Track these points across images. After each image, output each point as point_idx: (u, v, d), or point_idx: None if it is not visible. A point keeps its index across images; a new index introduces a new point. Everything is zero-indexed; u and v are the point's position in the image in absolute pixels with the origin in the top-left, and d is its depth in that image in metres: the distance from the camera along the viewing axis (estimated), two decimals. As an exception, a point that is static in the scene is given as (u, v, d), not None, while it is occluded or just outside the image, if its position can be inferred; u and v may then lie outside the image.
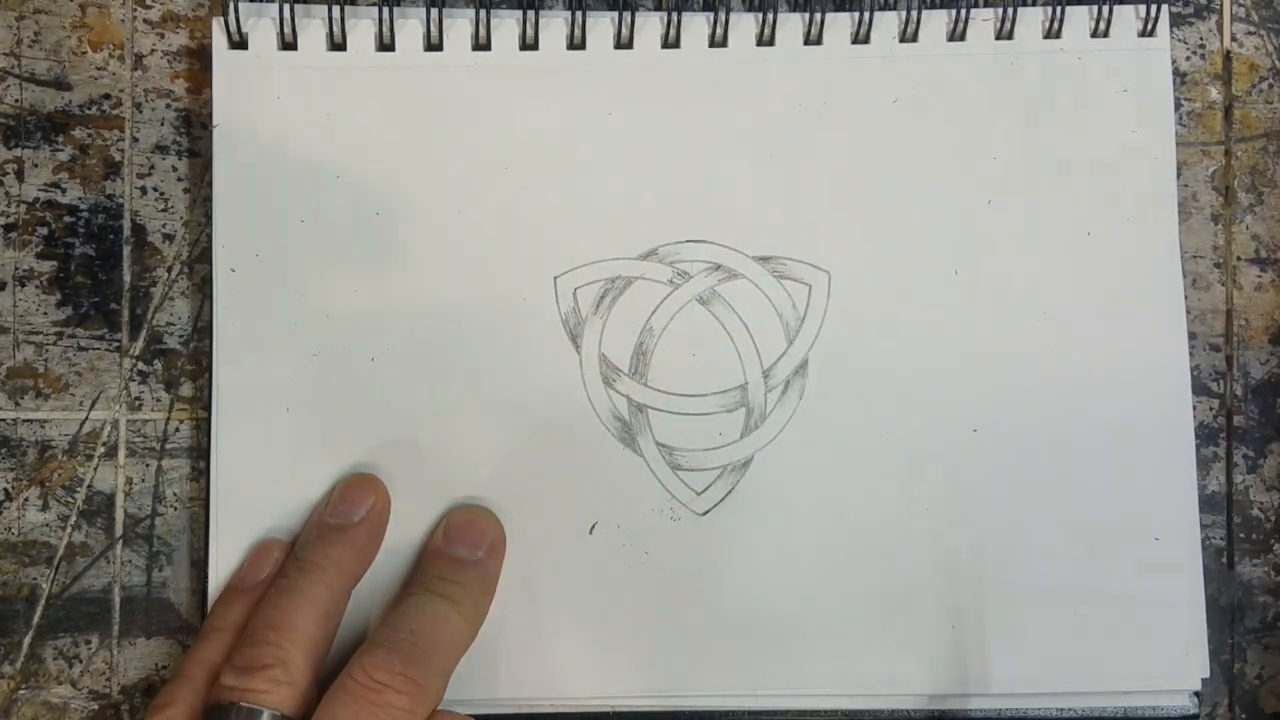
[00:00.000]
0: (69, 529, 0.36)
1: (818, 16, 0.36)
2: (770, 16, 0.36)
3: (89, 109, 0.36)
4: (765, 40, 0.36)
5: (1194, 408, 0.36)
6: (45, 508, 0.36)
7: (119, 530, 0.36)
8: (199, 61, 0.37)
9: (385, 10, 0.35)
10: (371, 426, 0.35)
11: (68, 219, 0.36)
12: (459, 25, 0.36)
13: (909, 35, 0.36)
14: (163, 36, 0.37)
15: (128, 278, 0.36)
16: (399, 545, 0.35)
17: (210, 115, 0.35)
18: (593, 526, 0.35)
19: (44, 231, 0.36)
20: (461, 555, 0.33)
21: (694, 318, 0.36)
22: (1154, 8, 0.36)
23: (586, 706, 0.35)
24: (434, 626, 0.31)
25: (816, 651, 0.35)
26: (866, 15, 0.36)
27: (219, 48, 0.35)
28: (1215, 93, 0.38)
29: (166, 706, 0.31)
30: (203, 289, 0.36)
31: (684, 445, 0.35)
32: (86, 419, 0.36)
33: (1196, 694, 0.36)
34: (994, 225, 0.36)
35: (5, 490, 0.36)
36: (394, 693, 0.29)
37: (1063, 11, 0.36)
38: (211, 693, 0.30)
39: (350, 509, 0.34)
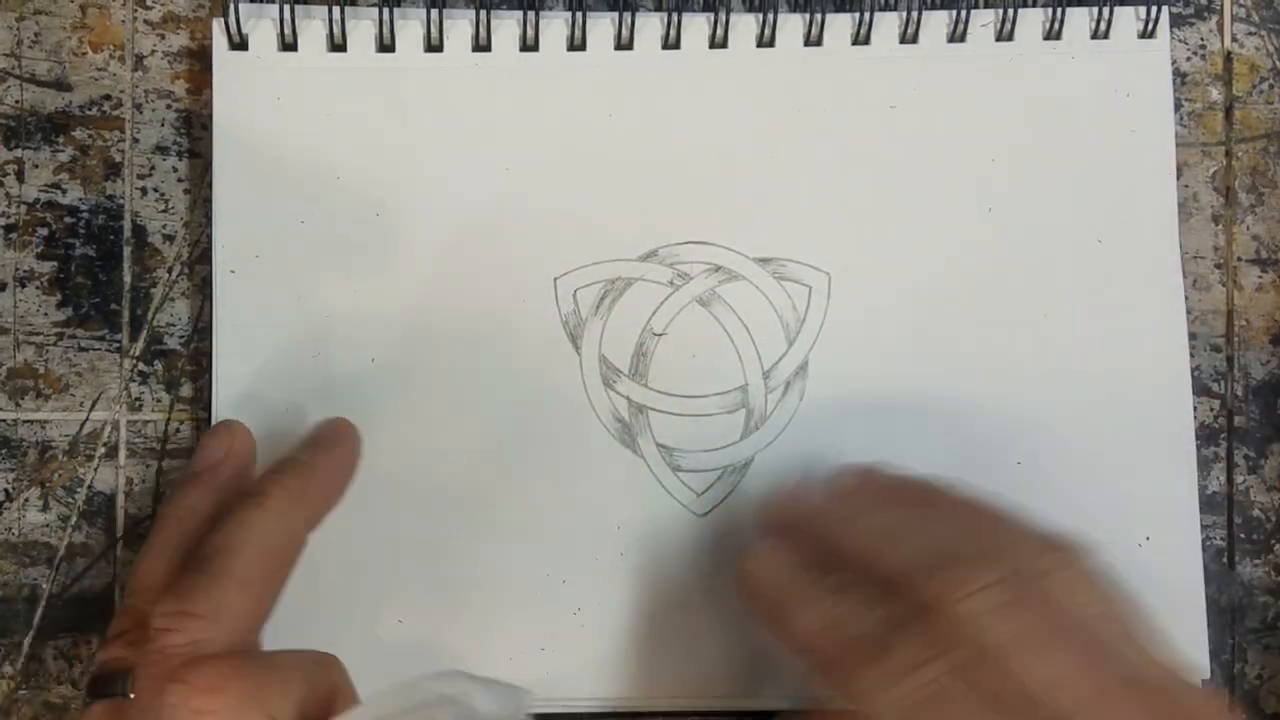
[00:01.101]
0: (69, 529, 0.36)
1: (818, 17, 0.36)
2: (770, 17, 0.36)
3: (89, 109, 0.36)
4: (765, 41, 0.36)
5: (1195, 408, 0.36)
6: (46, 508, 0.36)
7: (119, 530, 0.36)
8: (199, 62, 0.37)
9: (385, 11, 0.35)
10: (371, 426, 0.35)
11: (68, 220, 0.36)
12: (459, 26, 0.36)
13: (909, 36, 0.36)
14: (163, 37, 0.37)
15: (128, 278, 0.36)
16: (401, 546, 0.35)
17: (210, 116, 0.35)
18: (593, 528, 0.35)
19: (44, 232, 0.36)
20: (287, 457, 0.31)
21: (694, 319, 0.36)
22: (1154, 9, 0.36)
23: (586, 707, 0.35)
24: (226, 540, 0.28)
25: (816, 652, 0.35)
26: (867, 16, 0.36)
27: (219, 48, 0.35)
28: (1216, 93, 0.38)
29: (111, 642, 0.29)
30: (203, 289, 0.36)
31: (684, 446, 0.35)
32: (87, 419, 0.36)
33: (1196, 695, 0.36)
34: (993, 225, 0.36)
35: (6, 491, 0.36)
36: (168, 634, 0.26)
37: (1063, 13, 0.36)
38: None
39: (208, 457, 0.32)
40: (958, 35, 0.36)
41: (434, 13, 0.36)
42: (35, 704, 0.35)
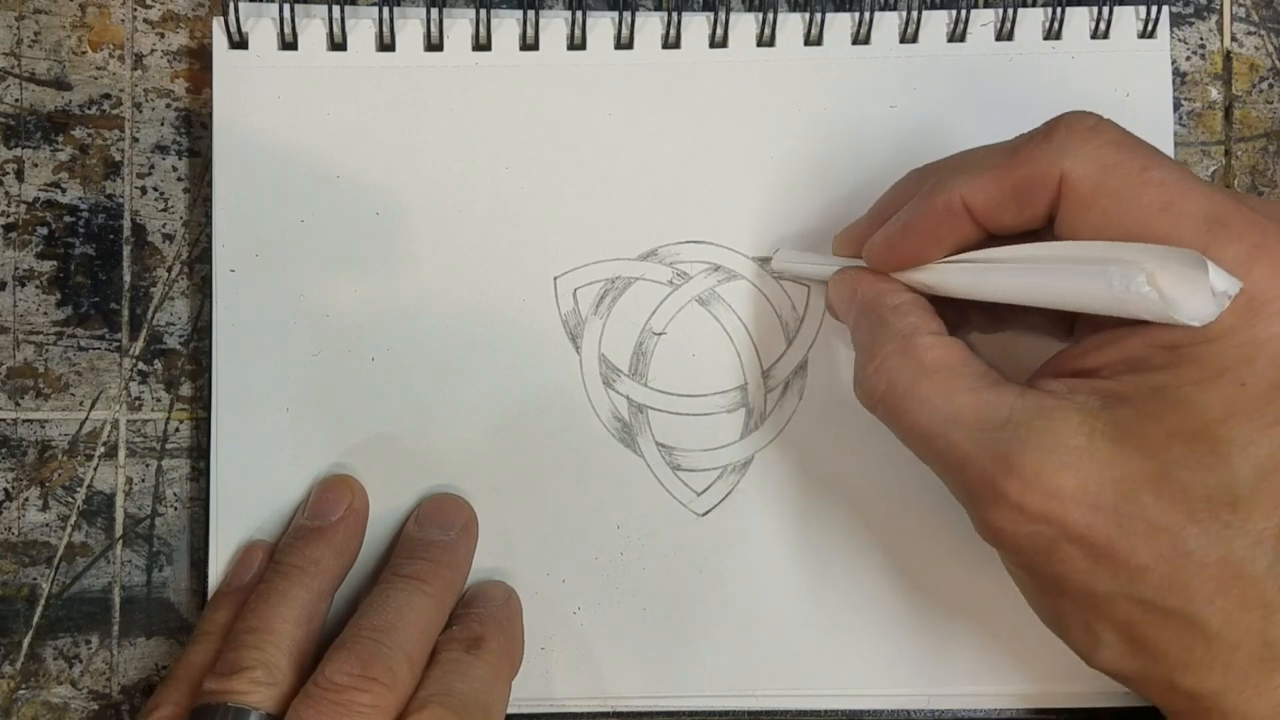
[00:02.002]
0: (69, 529, 0.36)
1: (818, 17, 0.36)
2: (770, 17, 0.36)
3: (89, 109, 0.36)
4: (765, 41, 0.36)
5: (1194, 408, 0.36)
6: (45, 508, 0.36)
7: (119, 530, 0.36)
8: (199, 61, 0.37)
9: (385, 10, 0.35)
10: (371, 427, 0.35)
11: (68, 219, 0.36)
12: (459, 25, 0.36)
13: (909, 36, 0.36)
14: (163, 36, 0.37)
15: (128, 277, 0.36)
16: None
17: (210, 115, 0.35)
18: (593, 527, 0.35)
19: (44, 231, 0.36)
20: (432, 537, 0.34)
21: (694, 318, 0.36)
22: (1154, 9, 0.36)
23: (586, 707, 0.35)
24: (397, 616, 0.31)
25: (816, 651, 0.35)
26: (867, 16, 0.36)
27: (219, 48, 0.35)
28: (1215, 93, 0.38)
29: (156, 709, 0.31)
30: (203, 289, 0.36)
31: (684, 446, 0.35)
32: (86, 419, 0.36)
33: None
34: (994, 226, 0.36)
35: (5, 490, 0.36)
36: (356, 692, 0.29)
37: (1063, 12, 0.36)
38: (197, 697, 0.31)
39: (327, 510, 0.34)
40: (957, 35, 0.36)
41: (434, 12, 0.36)
42: (35, 703, 0.35)
